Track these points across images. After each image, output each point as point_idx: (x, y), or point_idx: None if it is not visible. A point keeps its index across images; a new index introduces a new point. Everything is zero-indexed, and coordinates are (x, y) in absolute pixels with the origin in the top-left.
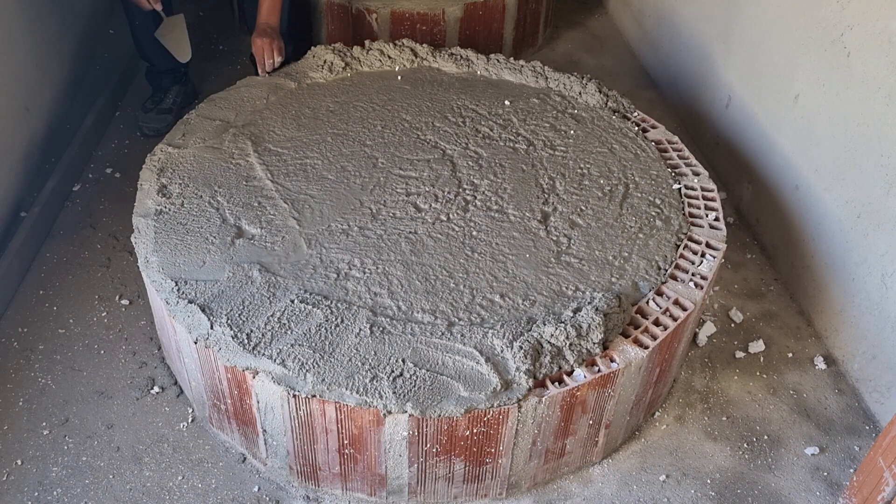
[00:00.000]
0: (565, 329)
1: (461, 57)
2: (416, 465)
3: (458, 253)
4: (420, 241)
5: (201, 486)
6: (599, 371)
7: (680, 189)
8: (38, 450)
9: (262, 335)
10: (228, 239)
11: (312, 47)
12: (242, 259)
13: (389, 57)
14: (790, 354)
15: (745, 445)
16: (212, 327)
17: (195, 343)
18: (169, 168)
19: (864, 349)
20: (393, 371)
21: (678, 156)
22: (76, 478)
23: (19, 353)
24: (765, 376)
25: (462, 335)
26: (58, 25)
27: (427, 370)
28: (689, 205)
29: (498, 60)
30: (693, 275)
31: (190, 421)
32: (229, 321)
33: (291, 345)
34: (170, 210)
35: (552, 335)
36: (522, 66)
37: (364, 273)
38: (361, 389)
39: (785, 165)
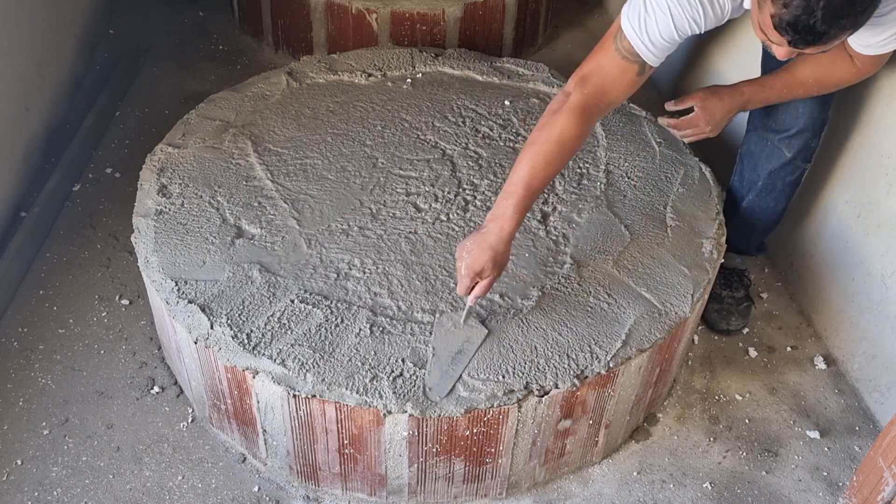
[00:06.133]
0: None
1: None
2: (416, 465)
3: None
4: (420, 241)
5: (201, 486)
6: (599, 371)
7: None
8: (38, 450)
9: (262, 335)
10: (228, 239)
11: None
12: (242, 259)
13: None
14: (790, 354)
15: (745, 445)
16: (212, 327)
17: (195, 343)
18: (169, 168)
19: (864, 349)
20: (393, 371)
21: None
22: (76, 478)
23: (19, 353)
24: (765, 376)
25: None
26: (58, 25)
27: (427, 370)
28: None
29: (499, 61)
30: None
31: (190, 421)
32: (229, 321)
33: (291, 345)
34: (170, 210)
35: None
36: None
37: (364, 273)
38: (361, 389)
39: None
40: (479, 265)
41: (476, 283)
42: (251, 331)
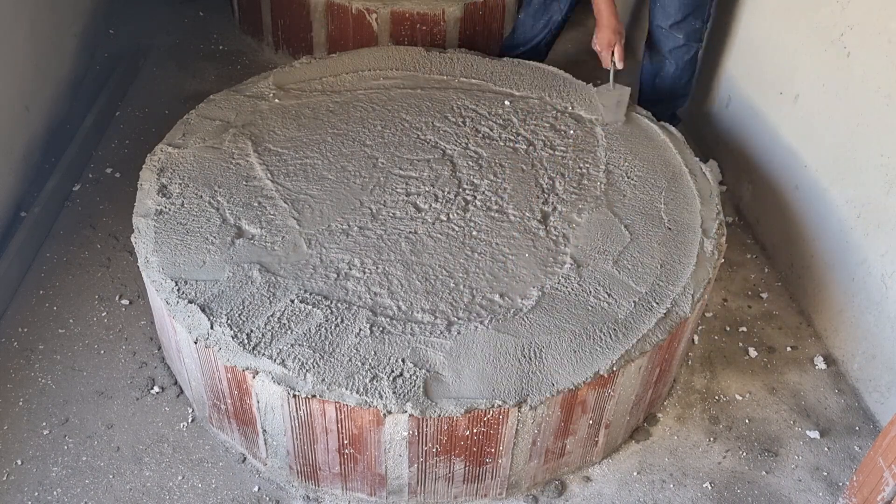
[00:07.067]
0: None
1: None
2: (416, 465)
3: (458, 253)
4: (420, 241)
5: (201, 486)
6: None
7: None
8: (38, 450)
9: (262, 335)
10: (228, 239)
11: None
12: (242, 259)
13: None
14: (790, 354)
15: (745, 445)
16: (212, 327)
17: (195, 343)
18: (169, 168)
19: (864, 349)
20: (393, 371)
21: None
22: (76, 478)
23: (19, 353)
24: (765, 376)
25: (461, 334)
26: (58, 25)
27: (427, 370)
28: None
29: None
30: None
31: (190, 421)
32: (229, 321)
33: (291, 345)
34: (170, 210)
35: None
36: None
37: (364, 273)
38: (361, 389)
39: (785, 165)
40: (606, 40)
41: (612, 52)
42: (251, 331)
